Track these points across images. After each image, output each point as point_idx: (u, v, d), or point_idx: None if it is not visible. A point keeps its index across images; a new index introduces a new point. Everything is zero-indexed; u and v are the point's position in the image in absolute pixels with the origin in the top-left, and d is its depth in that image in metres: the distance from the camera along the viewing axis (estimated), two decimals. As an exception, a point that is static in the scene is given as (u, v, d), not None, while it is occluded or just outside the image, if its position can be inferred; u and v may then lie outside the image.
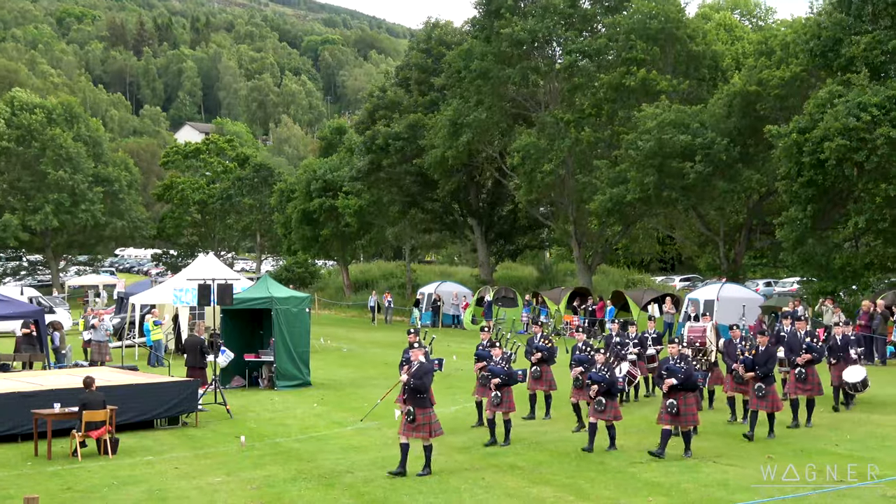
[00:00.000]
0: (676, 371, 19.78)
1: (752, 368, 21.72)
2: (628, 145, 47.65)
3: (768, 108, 45.57)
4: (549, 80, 56.82)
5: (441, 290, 59.29)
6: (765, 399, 21.28)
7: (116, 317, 48.83)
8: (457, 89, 59.22)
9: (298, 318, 32.25)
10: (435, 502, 16.72)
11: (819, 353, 23.48)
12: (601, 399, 20.18)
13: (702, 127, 46.33)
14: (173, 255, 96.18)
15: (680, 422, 19.79)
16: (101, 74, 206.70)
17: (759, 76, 45.28)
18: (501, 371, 21.56)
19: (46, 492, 17.48)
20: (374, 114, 67.44)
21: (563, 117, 53.72)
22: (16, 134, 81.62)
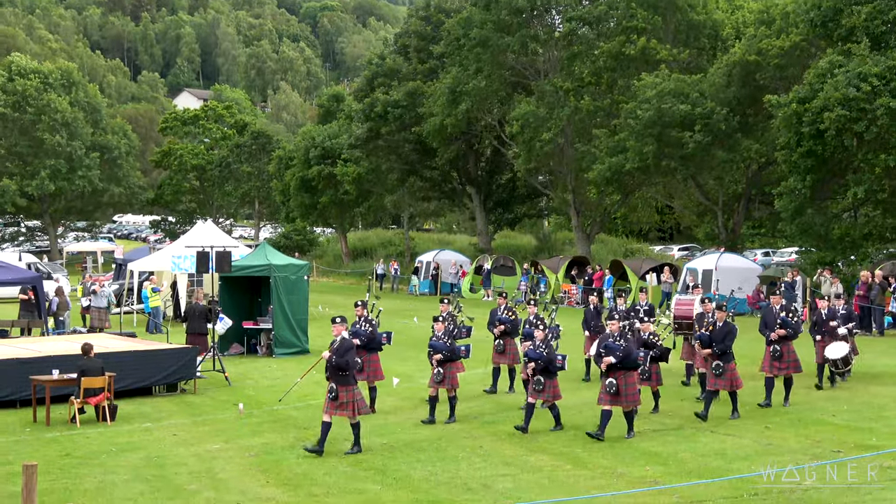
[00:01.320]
0: (615, 349, 18.82)
1: (708, 345, 20.75)
2: (627, 114, 47.57)
3: (768, 78, 45.46)
4: (548, 49, 56.66)
5: (440, 259, 59.35)
6: (722, 377, 20.37)
7: (115, 283, 48.86)
8: (456, 57, 59.07)
9: (297, 286, 32.29)
10: (433, 470, 16.76)
11: (794, 329, 22.30)
12: (539, 378, 19.27)
13: (701, 96, 46.24)
14: (171, 222, 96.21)
15: (620, 402, 18.86)
16: (99, 40, 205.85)
17: (759, 46, 45.11)
18: (444, 347, 20.83)
19: (45, 458, 17.52)
20: (373, 81, 67.30)
21: (563, 86, 53.60)
22: (11, 100, 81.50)
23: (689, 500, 14.58)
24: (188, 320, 30.10)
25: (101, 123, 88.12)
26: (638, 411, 19.61)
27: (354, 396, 17.77)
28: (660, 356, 21.26)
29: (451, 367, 20.83)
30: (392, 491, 15.52)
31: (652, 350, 20.98)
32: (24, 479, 8.53)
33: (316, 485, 15.93)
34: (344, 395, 17.65)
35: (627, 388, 18.76)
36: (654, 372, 21.12)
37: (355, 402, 17.75)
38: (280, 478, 16.41)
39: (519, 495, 15.09)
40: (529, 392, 19.56)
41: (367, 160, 65.94)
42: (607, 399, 18.76)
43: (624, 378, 18.74)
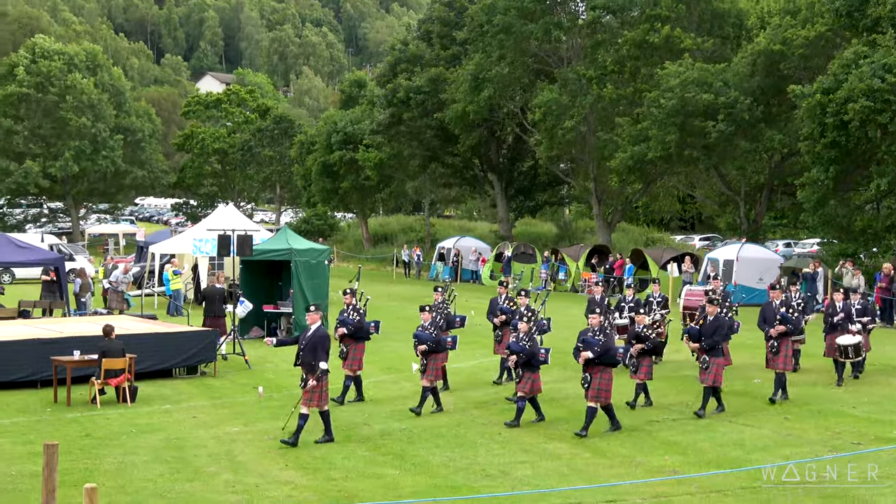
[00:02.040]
0: (593, 344, 18.25)
1: (697, 339, 19.99)
2: (650, 103, 47.43)
3: (792, 68, 45.22)
4: (571, 36, 56.49)
5: (460, 245, 59.33)
6: (707, 371, 19.66)
7: (136, 265, 49.02)
8: (479, 44, 58.95)
9: (318, 270, 32.32)
10: (452, 456, 16.78)
11: (794, 325, 21.80)
12: (519, 371, 18.95)
13: (725, 86, 46.06)
14: (193, 206, 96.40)
15: (589, 396, 18.24)
16: (123, 23, 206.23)
17: (783, 35, 44.88)
18: (428, 337, 20.46)
19: (65, 438, 17.59)
20: (396, 67, 67.20)
21: (586, 74, 53.46)
22: (35, 80, 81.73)
23: (708, 489, 14.57)
24: (206, 302, 30.19)
25: (124, 106, 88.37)
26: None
27: (323, 387, 17.48)
28: (652, 350, 21.04)
29: (436, 359, 20.54)
30: (410, 476, 15.55)
31: (644, 343, 20.74)
32: (45, 459, 8.57)
33: (335, 469, 15.97)
34: (311, 384, 17.39)
35: (601, 384, 18.20)
36: (646, 365, 20.76)
37: (322, 391, 17.49)
38: (299, 461, 16.46)
39: (537, 482, 15.10)
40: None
41: (388, 146, 65.90)
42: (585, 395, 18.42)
43: (600, 374, 18.20)
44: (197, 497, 14.32)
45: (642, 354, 20.73)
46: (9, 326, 27.07)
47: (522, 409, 18.97)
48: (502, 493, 14.41)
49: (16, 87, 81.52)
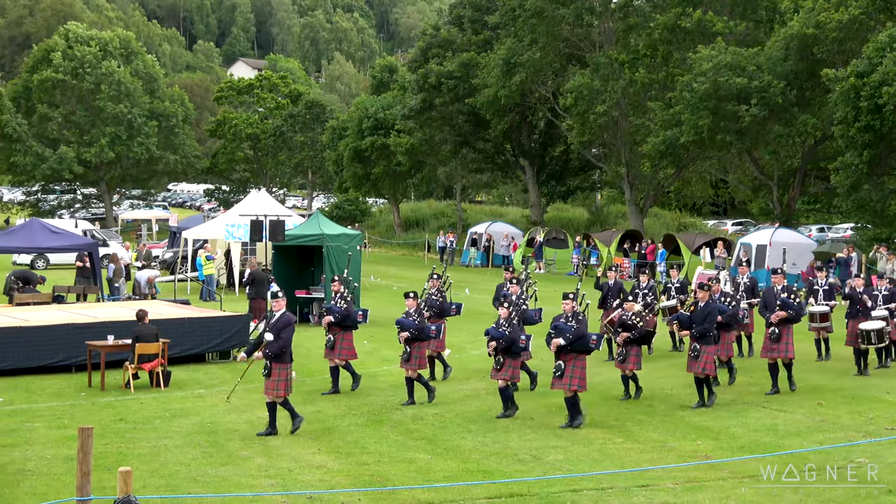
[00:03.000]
0: (565, 330, 17.57)
1: (688, 326, 19.38)
2: (683, 87, 47.19)
3: (826, 52, 44.87)
4: (603, 20, 56.27)
5: (492, 231, 59.29)
6: (696, 360, 19.01)
7: (169, 251, 49.27)
8: (511, 28, 58.84)
9: (349, 255, 32.34)
10: (484, 441, 16.80)
11: (796, 311, 20.81)
12: (500, 358, 18.37)
13: (758, 70, 45.78)
14: (225, 191, 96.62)
15: (562, 384, 17.67)
16: (156, 9, 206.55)
17: (817, 19, 44.54)
18: (411, 324, 19.96)
19: (99, 422, 17.71)
20: (427, 52, 67.06)
21: (618, 58, 53.24)
22: (70, 66, 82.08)
23: (740, 474, 14.52)
24: (253, 285, 30.32)
25: (157, 92, 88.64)
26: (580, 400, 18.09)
27: (287, 375, 17.30)
28: (640, 338, 20.34)
29: (419, 347, 20.03)
30: (442, 461, 15.57)
31: (630, 332, 20.08)
32: (79, 442, 8.62)
33: (367, 453, 16.02)
34: (276, 374, 17.18)
35: (574, 371, 17.56)
36: (634, 355, 20.05)
37: (287, 380, 17.29)
38: (331, 445, 16.52)
39: (569, 467, 15.10)
40: (491, 372, 18.74)
41: (420, 131, 65.81)
42: (555, 382, 17.85)
43: (573, 361, 17.61)
44: (230, 481, 14.39)
45: (629, 343, 20.04)
46: (43, 311, 27.28)
47: (510, 396, 18.63)
48: (534, 478, 14.41)
49: (52, 72, 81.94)
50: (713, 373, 19.36)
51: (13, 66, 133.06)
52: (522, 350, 18.77)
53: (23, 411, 19.12)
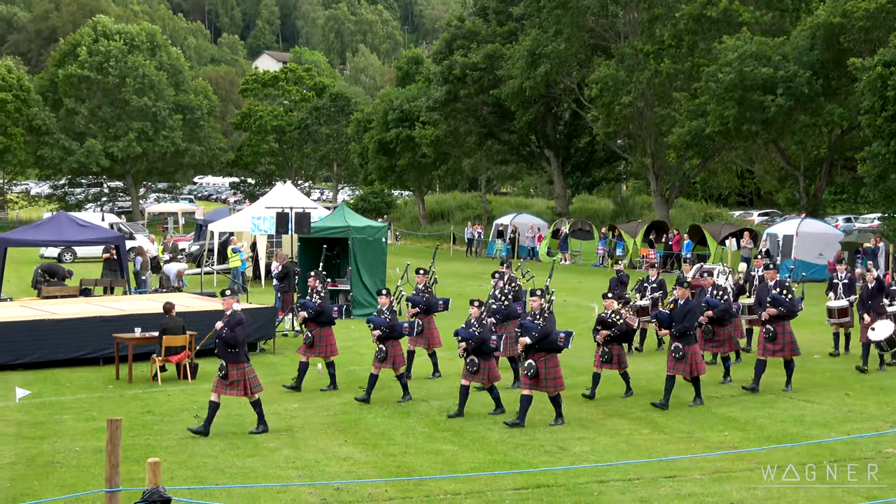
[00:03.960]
0: (531, 328, 17.01)
1: (667, 325, 18.58)
2: (708, 77, 47.04)
3: (852, 41, 44.64)
4: (628, 11, 56.11)
5: (517, 222, 59.22)
6: (682, 361, 18.26)
7: (195, 244, 49.39)
8: (535, 19, 58.72)
9: (375, 248, 32.40)
10: (510, 432, 16.82)
11: (788, 308, 19.82)
12: (473, 359, 17.72)
13: (784, 59, 45.58)
14: (251, 184, 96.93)
15: (540, 386, 17.12)
16: (181, 2, 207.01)
17: (843, 7, 44.32)
18: (383, 322, 19.34)
19: (127, 414, 17.80)
20: (452, 43, 66.96)
21: (643, 48, 53.08)
22: (96, 61, 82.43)
23: (768, 465, 14.48)
24: (286, 278, 30.39)
25: (182, 85, 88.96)
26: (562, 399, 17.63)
27: (246, 374, 16.78)
28: (621, 336, 19.51)
29: (395, 345, 19.48)
30: (469, 452, 15.59)
31: (610, 330, 19.25)
32: (108, 434, 8.67)
33: (393, 444, 16.05)
34: (234, 374, 16.69)
35: (548, 372, 17.06)
36: (616, 354, 19.33)
37: (247, 380, 16.78)
38: (358, 437, 16.55)
39: (596, 458, 15.10)
40: (462, 373, 18.16)
41: (445, 123, 65.80)
42: (526, 382, 17.23)
43: (545, 360, 17.07)
44: (258, 472, 14.45)
45: (609, 342, 19.26)
46: (71, 304, 27.43)
47: (498, 396, 18.19)
48: (561, 469, 14.42)
49: (77, 68, 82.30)
50: (703, 372, 18.65)
51: (40, 60, 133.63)
52: (494, 350, 18.05)
53: (51, 404, 19.23)
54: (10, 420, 17.81)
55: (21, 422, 17.76)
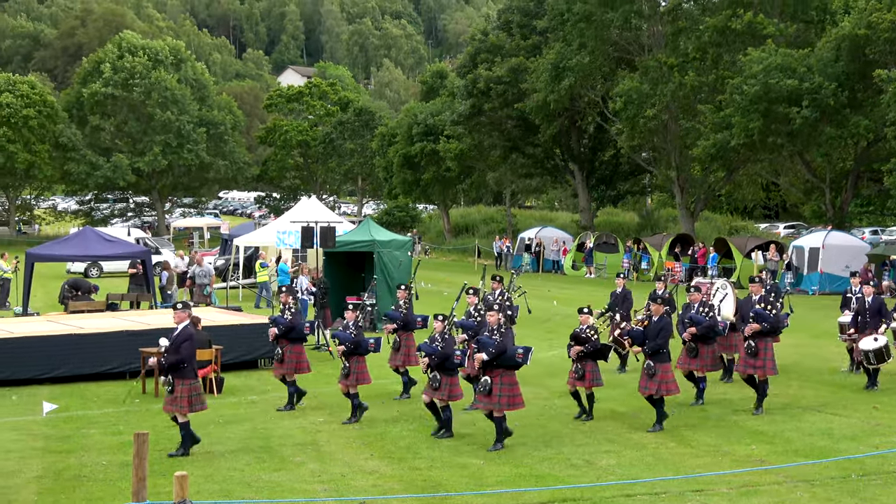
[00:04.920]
0: (488, 345, 16.36)
1: (640, 342, 17.80)
2: (733, 90, 46.99)
3: (878, 52, 44.53)
4: (652, 24, 56.12)
5: (542, 235, 59.21)
6: (652, 380, 17.58)
7: (221, 258, 49.52)
8: (559, 33, 58.80)
9: (400, 261, 32.42)
10: (536, 446, 16.76)
11: (771, 323, 18.81)
12: (436, 374, 17.00)
13: (809, 71, 45.47)
14: (276, 198, 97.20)
15: (492, 402, 16.44)
16: (206, 18, 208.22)
17: (869, 19, 44.22)
18: (347, 338, 18.74)
19: (153, 428, 17.78)
20: (476, 57, 67.07)
21: (667, 61, 53.05)
22: (120, 78, 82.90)
23: (796, 479, 14.40)
24: (320, 294, 30.53)
25: (207, 100, 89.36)
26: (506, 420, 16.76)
27: (190, 391, 16.34)
28: (595, 352, 18.39)
29: (359, 361, 18.86)
30: (495, 466, 15.55)
31: (584, 346, 18.23)
32: (135, 448, 8.69)
33: (419, 458, 16.02)
34: (179, 389, 16.24)
35: (503, 389, 16.36)
36: (589, 371, 18.27)
37: (191, 396, 16.32)
38: (384, 451, 16.53)
39: (623, 472, 15.04)
40: (424, 389, 17.59)
41: (469, 137, 65.89)
42: (482, 400, 16.72)
43: (500, 377, 16.38)
44: (284, 486, 14.44)
45: (582, 358, 18.29)
46: (98, 319, 27.50)
47: (449, 418, 17.42)
48: (587, 484, 14.36)
49: (101, 86, 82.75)
50: (675, 392, 17.89)
51: (66, 76, 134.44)
52: (459, 366, 17.33)
53: (78, 418, 19.29)
54: (38, 434, 17.88)
55: (48, 436, 17.83)
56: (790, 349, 25.84)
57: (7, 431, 18.36)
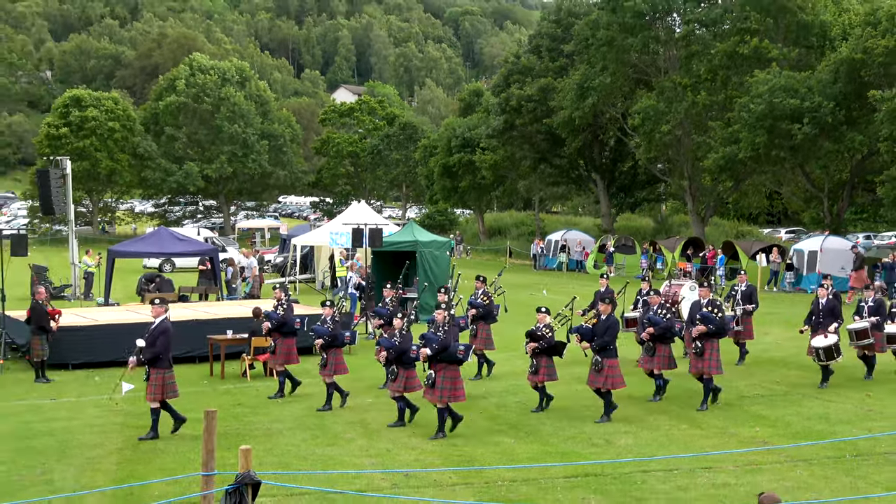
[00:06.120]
0: (433, 340, 16.12)
1: (589, 339, 17.27)
2: (741, 108, 46.72)
3: (873, 75, 44.14)
4: (668, 48, 55.87)
5: (567, 238, 59.11)
6: (600, 374, 17.14)
7: (280, 256, 49.69)
8: (584, 56, 58.64)
9: (440, 260, 32.48)
10: (561, 426, 16.76)
11: (717, 326, 18.12)
12: (394, 367, 16.77)
13: (810, 92, 45.16)
14: (329, 203, 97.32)
15: (435, 395, 16.12)
16: (268, 42, 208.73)
17: (864, 45, 43.86)
18: (325, 332, 18.63)
19: (220, 406, 17.90)
20: (509, 78, 66.91)
21: (681, 82, 52.81)
22: (192, 92, 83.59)
23: (796, 459, 14.33)
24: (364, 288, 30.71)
25: (269, 115, 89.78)
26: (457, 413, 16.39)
27: (164, 380, 16.07)
28: (550, 349, 17.97)
29: (336, 353, 18.69)
30: (525, 444, 15.55)
31: (539, 342, 17.84)
32: (204, 424, 8.73)
33: (457, 437, 16.03)
34: (153, 378, 16.07)
35: (444, 382, 16.03)
36: (545, 366, 17.92)
37: (164, 384, 16.07)
38: (424, 430, 16.54)
39: (639, 450, 15.02)
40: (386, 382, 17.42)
41: (502, 149, 65.80)
42: (427, 392, 16.31)
43: (444, 372, 16.08)
44: (336, 459, 14.49)
45: (538, 354, 17.90)
46: (170, 310, 27.63)
47: (403, 409, 16.96)
48: (607, 461, 14.34)
49: (175, 97, 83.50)
50: (620, 386, 17.37)
51: (143, 93, 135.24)
52: (416, 360, 16.64)
53: (153, 397, 19.41)
54: (118, 411, 18.03)
55: (127, 412, 17.97)
56: (790, 342, 25.69)
57: (91, 408, 18.54)
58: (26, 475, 13.72)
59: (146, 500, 12.32)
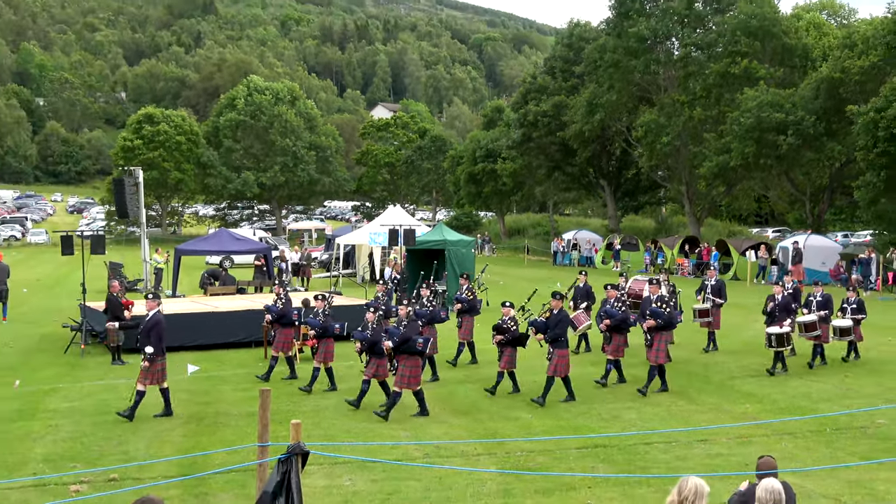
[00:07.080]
0: (394, 333, 15.97)
1: (543, 331, 16.92)
2: (732, 121, 46.54)
3: (850, 92, 43.85)
4: (667, 69, 55.64)
5: (578, 237, 59.05)
6: (550, 362, 16.79)
7: (325, 253, 49.79)
8: (593, 76, 58.50)
9: (465, 257, 32.46)
10: (574, 403, 16.72)
11: (665, 319, 17.88)
12: (368, 357, 16.48)
13: (793, 107, 44.93)
14: (368, 207, 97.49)
15: (395, 382, 15.86)
16: (314, 65, 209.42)
17: (843, 65, 43.63)
18: (316, 323, 18.42)
19: (272, 386, 17.94)
20: (527, 96, 66.81)
21: (679, 99, 52.63)
22: (250, 110, 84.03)
23: (782, 432, 14.26)
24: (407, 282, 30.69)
25: (316, 130, 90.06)
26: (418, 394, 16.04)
27: (155, 367, 15.67)
28: (513, 341, 17.56)
29: (327, 343, 18.41)
30: (541, 419, 15.52)
31: (504, 335, 17.51)
32: (260, 401, 8.76)
33: (481, 412, 16.03)
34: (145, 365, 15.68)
35: (404, 370, 15.72)
36: (507, 355, 17.58)
37: (156, 371, 15.67)
38: (452, 406, 16.57)
39: (643, 424, 14.98)
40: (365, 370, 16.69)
41: (521, 159, 65.77)
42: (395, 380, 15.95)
43: (405, 362, 15.80)
44: (375, 432, 14.51)
45: (504, 345, 17.59)
46: (229, 301, 27.82)
47: (366, 391, 16.35)
48: (614, 434, 14.31)
49: (235, 114, 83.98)
50: (564, 374, 16.83)
51: (206, 111, 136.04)
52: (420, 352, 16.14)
53: (214, 377, 19.50)
54: (184, 389, 18.10)
55: (192, 391, 18.04)
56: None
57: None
58: (104, 445, 13.82)
59: (209, 468, 12.38)
